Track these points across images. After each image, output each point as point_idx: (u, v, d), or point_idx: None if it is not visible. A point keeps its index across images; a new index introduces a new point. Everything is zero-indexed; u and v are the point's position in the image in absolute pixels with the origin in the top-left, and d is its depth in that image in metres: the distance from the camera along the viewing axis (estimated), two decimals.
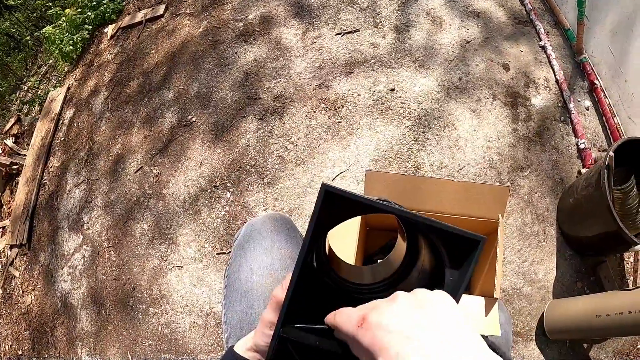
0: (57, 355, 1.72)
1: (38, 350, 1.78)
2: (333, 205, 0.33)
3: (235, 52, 1.91)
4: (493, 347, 0.74)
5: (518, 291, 1.36)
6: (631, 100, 1.44)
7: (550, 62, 1.71)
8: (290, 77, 1.75)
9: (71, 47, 2.41)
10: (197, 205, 1.62)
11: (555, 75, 1.67)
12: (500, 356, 0.25)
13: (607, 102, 1.55)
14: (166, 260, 1.60)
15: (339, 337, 0.33)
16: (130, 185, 1.78)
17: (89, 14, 2.51)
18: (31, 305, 1.88)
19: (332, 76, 1.72)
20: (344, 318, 0.31)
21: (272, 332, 0.37)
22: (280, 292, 0.37)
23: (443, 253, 0.34)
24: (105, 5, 2.51)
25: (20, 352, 1.82)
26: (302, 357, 0.36)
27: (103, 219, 1.79)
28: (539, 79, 1.68)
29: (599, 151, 1.52)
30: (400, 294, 0.29)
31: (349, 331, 0.29)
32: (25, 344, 1.83)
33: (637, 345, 1.30)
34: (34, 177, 2.14)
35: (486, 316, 0.83)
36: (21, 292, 1.96)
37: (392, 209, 0.32)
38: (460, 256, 0.33)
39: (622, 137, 1.33)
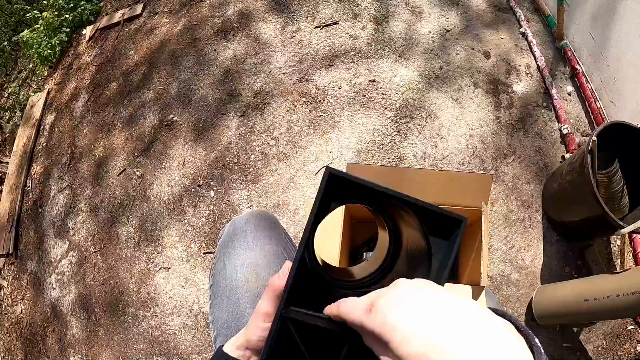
0: None
1: (31, 359, 1.77)
2: (335, 189, 0.33)
3: (215, 49, 1.89)
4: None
5: (506, 278, 1.36)
6: (613, 85, 1.44)
7: (531, 49, 1.70)
8: (270, 72, 1.73)
9: (50, 51, 2.37)
10: (181, 205, 1.61)
11: (536, 62, 1.67)
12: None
13: (589, 87, 1.55)
14: (153, 262, 1.59)
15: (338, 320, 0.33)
16: (113, 188, 1.76)
17: (67, 16, 2.46)
18: (21, 315, 1.86)
19: (313, 70, 1.71)
20: (349, 306, 0.31)
21: (268, 325, 0.36)
22: (278, 280, 0.38)
23: (427, 236, 0.34)
24: (82, 7, 2.46)
25: None
26: (303, 339, 0.35)
27: (88, 224, 1.77)
28: (520, 65, 1.68)
29: (582, 136, 1.53)
30: (401, 281, 0.30)
31: (357, 318, 0.30)
32: (18, 354, 1.81)
33: (626, 327, 1.31)
34: (17, 185, 2.11)
35: None
36: (10, 302, 1.93)
37: (394, 192, 0.33)
38: (444, 238, 0.34)
39: (605, 121, 1.32)
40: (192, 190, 1.61)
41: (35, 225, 1.96)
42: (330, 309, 0.34)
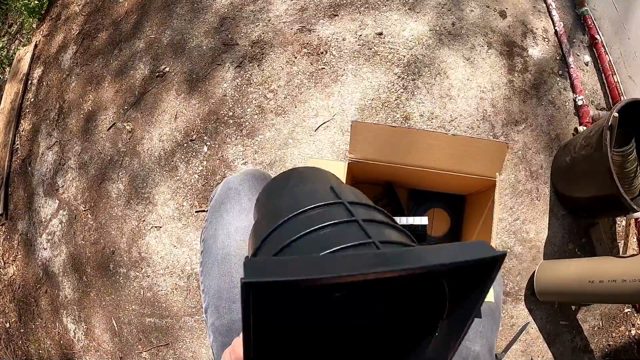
0: (44, 325, 1.68)
1: (24, 321, 1.74)
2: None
3: None
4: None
5: (509, 250, 1.33)
6: (633, 59, 1.39)
7: (549, 12, 1.61)
8: (269, 20, 1.61)
9: (37, 2, 2.23)
10: (173, 161, 1.52)
11: (554, 27, 1.58)
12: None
13: (608, 59, 1.49)
14: (144, 221, 1.52)
15: None
16: (103, 143, 1.68)
17: None
18: (14, 277, 1.83)
19: (315, 19, 1.59)
20: None
21: None
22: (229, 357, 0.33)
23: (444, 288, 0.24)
24: None
25: (7, 325, 1.78)
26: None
27: (78, 182, 1.70)
28: (537, 29, 1.58)
29: (597, 109, 1.47)
30: None
31: None
32: (12, 316, 1.79)
33: (623, 310, 1.31)
34: (6, 142, 2.02)
35: None
36: (2, 263, 1.89)
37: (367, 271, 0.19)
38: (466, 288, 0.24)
39: (624, 98, 1.31)
40: (185, 145, 1.52)
41: (24, 185, 1.89)
42: None
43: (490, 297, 0.69)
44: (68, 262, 1.66)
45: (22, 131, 2.00)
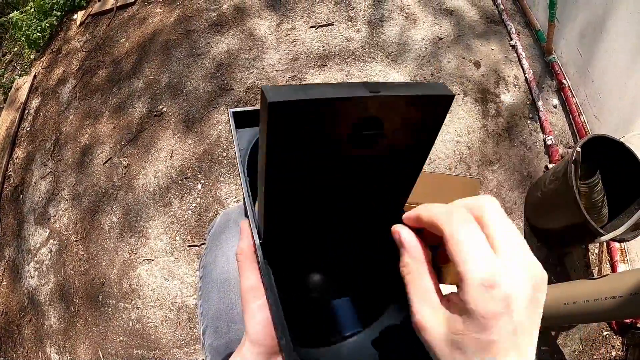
0: (25, 354, 1.66)
1: (5, 350, 1.72)
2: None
3: (208, 42, 1.88)
4: None
5: None
6: (597, 100, 1.49)
7: (520, 61, 1.75)
8: (263, 68, 1.73)
9: (39, 34, 2.31)
10: (167, 197, 1.59)
11: (524, 74, 1.72)
12: None
13: (575, 101, 1.60)
14: (136, 253, 1.57)
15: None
16: (98, 176, 1.74)
17: None
18: None
19: (306, 69, 1.72)
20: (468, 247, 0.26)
21: (259, 302, 0.31)
22: (243, 244, 0.33)
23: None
24: None
25: None
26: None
27: (70, 212, 1.74)
28: (509, 77, 1.72)
29: (566, 147, 1.58)
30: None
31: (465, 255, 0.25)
32: None
33: (602, 333, 1.33)
34: None
35: None
36: None
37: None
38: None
39: (589, 134, 1.38)
40: (179, 182, 1.60)
41: (15, 212, 1.91)
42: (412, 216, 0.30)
43: None
44: (55, 291, 1.67)
45: (16, 159, 2.03)
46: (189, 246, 1.51)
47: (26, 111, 2.14)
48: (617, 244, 1.38)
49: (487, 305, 0.24)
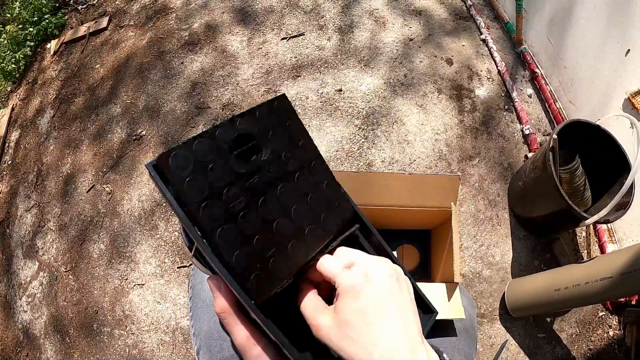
0: None
1: None
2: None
3: (182, 62, 1.89)
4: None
5: (478, 275, 1.40)
6: (571, 86, 1.51)
7: (491, 54, 1.77)
8: (238, 84, 1.75)
9: (13, 66, 2.31)
10: (153, 220, 1.60)
11: (497, 67, 1.74)
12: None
13: (549, 89, 1.62)
14: (127, 279, 1.57)
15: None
16: (83, 205, 1.74)
17: (31, 29, 2.41)
18: None
19: (280, 81, 1.73)
20: (331, 263, 0.35)
21: (259, 348, 0.33)
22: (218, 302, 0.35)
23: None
24: (47, 20, 2.41)
25: None
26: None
27: (58, 243, 1.74)
28: (481, 71, 1.75)
29: (544, 135, 1.59)
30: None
31: (334, 271, 0.34)
32: None
33: (598, 314, 1.34)
34: None
35: (449, 301, 0.85)
36: None
37: None
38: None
39: (565, 120, 1.37)
40: (164, 204, 1.61)
41: (2, 247, 1.90)
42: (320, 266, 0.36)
43: (461, 314, 0.76)
44: (50, 323, 1.66)
45: (0, 194, 2.03)
46: (179, 267, 1.52)
47: (6, 145, 2.13)
48: (603, 226, 1.38)
49: (351, 278, 0.32)
